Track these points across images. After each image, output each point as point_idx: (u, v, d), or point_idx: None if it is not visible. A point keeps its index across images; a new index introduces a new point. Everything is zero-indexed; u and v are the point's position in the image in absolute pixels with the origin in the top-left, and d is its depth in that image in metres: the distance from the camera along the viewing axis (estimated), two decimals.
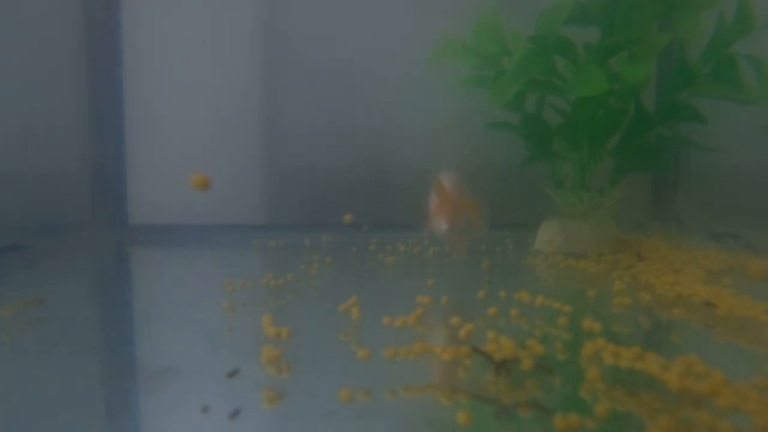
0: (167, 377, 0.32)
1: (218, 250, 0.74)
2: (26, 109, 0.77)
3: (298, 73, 0.85)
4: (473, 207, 0.53)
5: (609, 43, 0.64)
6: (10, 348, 0.38)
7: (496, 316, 0.43)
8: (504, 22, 0.69)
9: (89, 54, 0.84)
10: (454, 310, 0.45)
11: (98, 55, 0.84)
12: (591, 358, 0.35)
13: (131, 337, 0.42)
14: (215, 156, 0.86)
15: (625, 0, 0.63)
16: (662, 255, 0.64)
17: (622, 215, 0.75)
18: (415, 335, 0.39)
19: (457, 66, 0.75)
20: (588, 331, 0.40)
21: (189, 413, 0.28)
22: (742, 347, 0.38)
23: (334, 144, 0.86)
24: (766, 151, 0.77)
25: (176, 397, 0.30)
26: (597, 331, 0.39)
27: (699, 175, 0.85)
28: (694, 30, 0.64)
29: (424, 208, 0.59)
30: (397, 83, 0.85)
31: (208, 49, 0.85)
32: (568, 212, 0.70)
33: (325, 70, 0.85)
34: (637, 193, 0.87)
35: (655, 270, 0.57)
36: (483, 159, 0.86)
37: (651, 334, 0.42)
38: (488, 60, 0.71)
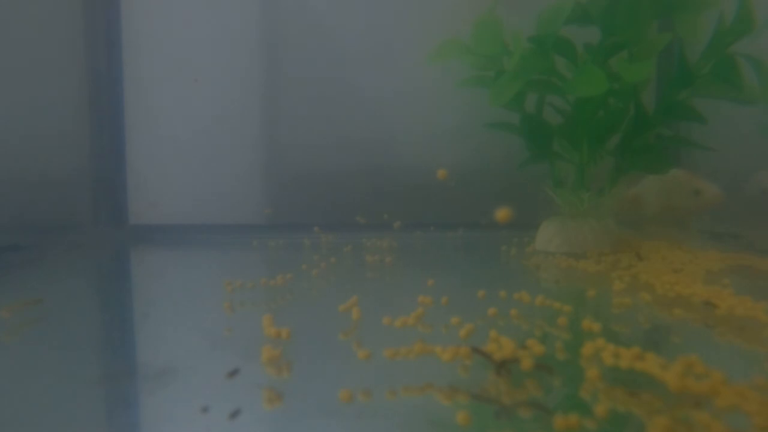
0: (167, 377, 0.32)
1: (218, 250, 0.74)
2: (27, 111, 0.77)
3: (298, 74, 0.85)
4: None
5: (609, 43, 0.64)
6: (10, 348, 0.38)
7: (496, 316, 0.43)
8: (504, 22, 0.69)
9: (90, 56, 0.84)
10: (455, 310, 0.45)
11: (99, 57, 0.84)
12: (591, 358, 0.35)
13: (131, 337, 0.42)
14: (215, 156, 0.86)
15: (625, 0, 0.63)
16: (662, 255, 0.64)
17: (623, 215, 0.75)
18: (415, 335, 0.39)
19: (458, 67, 0.75)
20: (588, 331, 0.40)
21: (189, 413, 0.28)
22: (742, 347, 0.38)
23: (333, 144, 0.86)
24: (766, 151, 0.77)
25: (176, 397, 0.30)
26: (597, 331, 0.39)
27: (699, 175, 0.85)
28: (694, 30, 0.64)
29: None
30: (396, 85, 0.85)
31: (208, 51, 0.85)
32: (568, 212, 0.71)
33: (325, 69, 0.85)
34: None
35: (655, 270, 0.57)
36: (483, 159, 0.86)
37: (651, 334, 0.41)
38: (488, 60, 0.71)
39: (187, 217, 0.86)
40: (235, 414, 0.28)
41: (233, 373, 0.32)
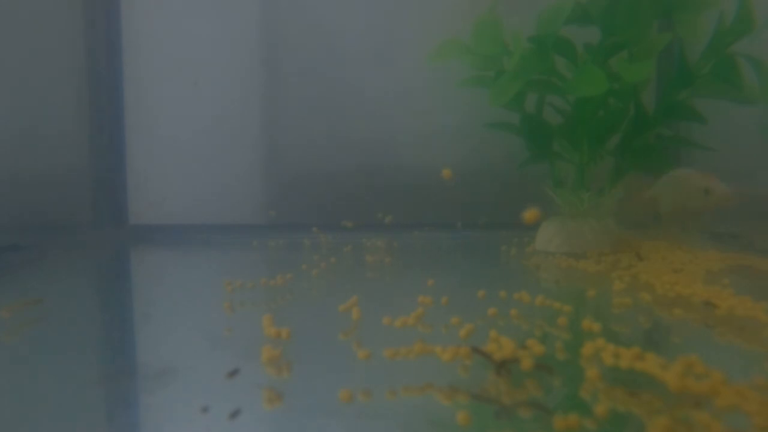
0: (167, 377, 0.32)
1: (218, 250, 0.74)
2: (27, 110, 0.77)
3: (298, 74, 0.85)
4: None
5: (609, 43, 0.64)
6: (10, 348, 0.38)
7: (496, 316, 0.43)
8: (504, 22, 0.69)
9: (89, 56, 0.84)
10: (455, 310, 0.45)
11: (99, 56, 0.84)
12: (591, 358, 0.35)
13: (131, 337, 0.42)
14: (215, 156, 0.86)
15: (625, 0, 0.63)
16: (662, 255, 0.64)
17: (623, 215, 0.75)
18: (415, 335, 0.39)
19: (458, 67, 0.75)
20: (588, 331, 0.40)
21: (189, 413, 0.28)
22: (742, 347, 0.38)
23: (333, 144, 0.86)
24: (766, 151, 0.77)
25: (176, 397, 0.30)
26: (597, 331, 0.39)
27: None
28: (694, 30, 0.64)
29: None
30: (396, 85, 0.85)
31: (209, 51, 0.85)
32: (568, 212, 0.71)
33: (325, 69, 0.85)
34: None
35: (655, 270, 0.57)
36: (483, 159, 0.86)
37: (651, 334, 0.42)
38: (488, 60, 0.71)
39: (187, 217, 0.86)
40: (235, 414, 0.28)
41: (233, 373, 0.32)
